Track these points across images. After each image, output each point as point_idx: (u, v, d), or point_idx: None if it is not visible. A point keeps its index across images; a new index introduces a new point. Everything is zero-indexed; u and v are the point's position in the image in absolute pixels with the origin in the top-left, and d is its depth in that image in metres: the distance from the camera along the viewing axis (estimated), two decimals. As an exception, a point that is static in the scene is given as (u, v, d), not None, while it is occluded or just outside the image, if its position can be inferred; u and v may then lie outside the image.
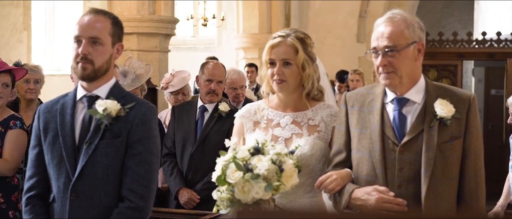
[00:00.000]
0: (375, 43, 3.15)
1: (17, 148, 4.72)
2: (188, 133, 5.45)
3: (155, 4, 9.22)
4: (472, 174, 3.18)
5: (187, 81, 6.45)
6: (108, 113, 3.22)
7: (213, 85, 5.46)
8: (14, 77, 4.92)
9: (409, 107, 3.19)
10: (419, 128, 3.14)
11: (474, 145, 3.17)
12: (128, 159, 3.25)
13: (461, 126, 3.14)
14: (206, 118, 5.47)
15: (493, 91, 13.63)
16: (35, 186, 3.35)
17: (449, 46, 12.54)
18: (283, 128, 3.55)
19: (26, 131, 4.78)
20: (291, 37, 3.49)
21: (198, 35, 16.77)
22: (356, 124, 3.28)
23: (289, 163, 3.21)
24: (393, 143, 3.15)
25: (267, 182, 3.15)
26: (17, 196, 4.75)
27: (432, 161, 3.08)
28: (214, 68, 5.54)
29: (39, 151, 3.36)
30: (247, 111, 3.66)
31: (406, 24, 3.12)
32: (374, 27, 3.19)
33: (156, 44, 9.28)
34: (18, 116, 4.84)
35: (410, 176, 3.12)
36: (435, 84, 3.25)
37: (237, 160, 3.20)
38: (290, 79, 3.49)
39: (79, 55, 3.23)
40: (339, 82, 9.42)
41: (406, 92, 3.18)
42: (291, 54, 3.47)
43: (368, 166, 3.20)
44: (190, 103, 5.73)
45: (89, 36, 3.23)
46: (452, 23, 17.50)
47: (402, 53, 3.09)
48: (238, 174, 3.16)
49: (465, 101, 3.17)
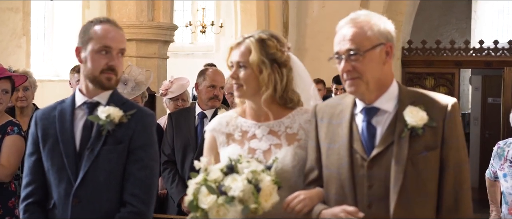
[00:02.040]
0: (337, 47, 2.85)
1: (15, 153, 4.71)
2: (188, 139, 5.46)
3: (154, 10, 9.24)
4: (451, 189, 2.81)
5: (186, 88, 6.48)
6: (111, 119, 3.25)
7: (216, 91, 5.49)
8: (14, 84, 4.93)
9: (379, 118, 2.86)
10: (389, 140, 2.81)
11: (453, 156, 2.81)
12: (130, 164, 3.28)
13: (437, 135, 2.79)
14: (206, 124, 5.45)
15: (490, 100, 13.66)
16: (33, 193, 3.35)
17: (446, 54, 12.58)
18: (260, 140, 3.21)
19: (24, 137, 4.78)
20: (251, 39, 3.18)
21: (196, 42, 16.78)
22: (325, 138, 2.97)
23: (266, 180, 2.90)
24: (362, 157, 2.83)
25: (243, 204, 2.85)
26: (14, 202, 4.74)
27: (402, 175, 2.74)
28: (216, 74, 5.57)
29: (37, 158, 3.36)
30: (218, 123, 3.33)
31: (370, 24, 2.82)
32: (337, 30, 2.89)
33: (155, 51, 9.29)
34: (16, 122, 4.83)
35: (381, 193, 2.79)
36: (411, 90, 2.93)
37: (208, 183, 2.90)
38: (245, 83, 3.17)
39: (108, 66, 3.28)
40: (336, 84, 9.39)
41: (375, 100, 2.86)
42: (245, 56, 3.17)
43: (337, 184, 2.88)
44: (187, 110, 5.73)
45: (120, 48, 3.32)
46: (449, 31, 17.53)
47: (366, 56, 2.78)
48: (211, 198, 2.86)
49: (441, 108, 2.82)
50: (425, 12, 16.59)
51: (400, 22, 12.54)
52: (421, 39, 13.02)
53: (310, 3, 13.22)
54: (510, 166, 5.33)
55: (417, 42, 12.89)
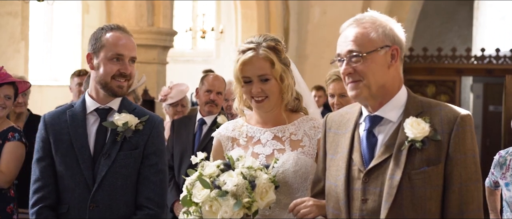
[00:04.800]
0: (339, 49, 2.68)
1: (14, 160, 4.68)
2: (186, 146, 5.46)
3: (154, 16, 9.23)
4: (456, 210, 2.54)
5: (185, 94, 6.47)
6: (129, 126, 3.35)
7: (212, 96, 5.46)
8: (17, 90, 4.90)
9: (382, 127, 2.65)
10: (388, 152, 2.59)
11: (459, 173, 2.54)
12: (144, 169, 3.39)
13: (441, 149, 2.54)
14: (204, 131, 5.45)
15: (491, 108, 13.65)
16: (46, 197, 3.37)
17: (447, 62, 12.55)
18: (264, 145, 3.19)
19: (24, 144, 4.75)
20: (263, 49, 3.10)
21: (196, 48, 16.77)
22: (329, 148, 2.80)
23: (263, 178, 2.88)
24: (359, 169, 2.63)
25: (236, 199, 2.81)
26: (13, 208, 4.71)
27: (395, 190, 2.51)
28: (214, 79, 5.54)
29: (49, 163, 3.39)
30: (225, 128, 3.33)
31: (374, 25, 2.63)
32: (340, 31, 2.73)
33: (154, 56, 9.28)
34: (17, 128, 4.82)
35: (375, 208, 2.57)
36: (421, 100, 2.68)
37: (203, 177, 2.89)
38: (271, 95, 3.13)
39: (120, 73, 3.36)
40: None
41: (379, 107, 2.65)
42: (267, 69, 3.10)
43: (334, 197, 2.70)
44: (189, 117, 5.75)
45: (131, 56, 3.40)
46: (451, 38, 17.50)
47: (368, 58, 2.59)
48: (205, 192, 2.85)
49: (450, 121, 2.56)
50: (427, 19, 16.56)
51: (401, 29, 12.47)
52: (422, 46, 12.98)
53: (312, 9, 13.20)
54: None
55: (418, 50, 12.85)
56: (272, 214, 3.10)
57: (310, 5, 13.39)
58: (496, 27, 16.21)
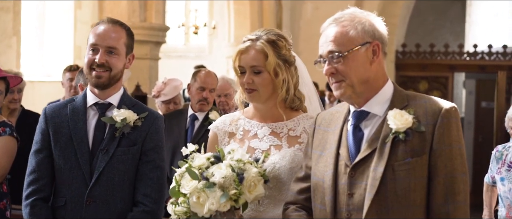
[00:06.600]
0: (320, 50, 2.69)
1: (6, 154, 4.63)
2: (178, 141, 5.42)
3: (146, 11, 9.20)
4: (441, 201, 2.55)
5: (180, 90, 6.43)
6: (127, 122, 3.35)
7: (205, 94, 5.44)
8: (8, 84, 4.86)
9: (368, 122, 2.67)
10: (373, 146, 2.61)
11: (443, 164, 2.54)
12: (142, 165, 3.39)
13: (425, 141, 2.55)
14: (196, 127, 5.43)
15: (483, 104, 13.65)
16: (41, 189, 3.37)
17: (440, 58, 12.58)
18: (260, 139, 3.17)
19: (16, 138, 4.72)
20: (261, 41, 3.10)
21: (189, 43, 16.73)
22: (318, 145, 2.81)
23: (252, 171, 2.87)
24: (346, 164, 2.65)
25: (224, 191, 2.81)
26: (6, 204, 4.66)
27: (378, 182, 2.52)
28: (207, 76, 5.52)
29: (46, 155, 3.39)
30: (222, 122, 3.30)
31: (353, 23, 2.64)
32: (321, 31, 2.73)
33: (147, 52, 9.25)
34: (8, 123, 4.76)
35: (361, 203, 2.58)
36: (407, 93, 2.70)
37: (192, 168, 2.90)
38: (261, 87, 3.11)
39: (95, 63, 3.33)
40: (329, 91, 9.34)
41: (364, 103, 2.67)
42: (260, 61, 3.09)
43: (321, 193, 2.70)
44: (180, 112, 5.71)
45: (106, 46, 3.34)
46: (443, 34, 17.52)
47: (349, 57, 2.60)
48: (193, 183, 2.85)
49: (435, 112, 2.58)
50: (420, 15, 16.58)
51: (394, 25, 12.52)
52: (415, 42, 13.00)
53: (304, 4, 13.18)
54: (507, 170, 5.30)
55: (411, 46, 12.87)
56: (266, 210, 3.09)
57: (302, 1, 13.39)
58: (489, 24, 16.26)
